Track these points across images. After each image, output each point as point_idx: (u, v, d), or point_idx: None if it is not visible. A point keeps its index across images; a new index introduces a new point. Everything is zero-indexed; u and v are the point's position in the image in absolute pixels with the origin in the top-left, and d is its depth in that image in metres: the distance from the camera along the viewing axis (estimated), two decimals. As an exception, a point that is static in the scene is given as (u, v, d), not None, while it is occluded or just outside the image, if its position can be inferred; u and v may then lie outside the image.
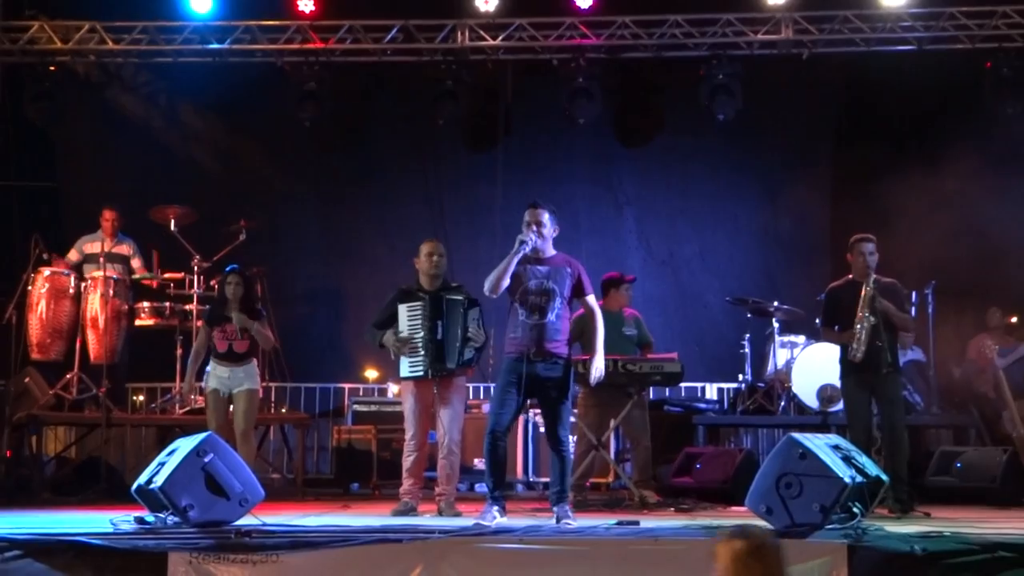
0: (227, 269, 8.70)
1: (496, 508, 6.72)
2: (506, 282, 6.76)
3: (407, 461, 7.73)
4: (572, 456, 6.91)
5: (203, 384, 8.72)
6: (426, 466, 7.97)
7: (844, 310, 7.87)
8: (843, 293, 7.95)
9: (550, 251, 6.93)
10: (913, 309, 9.99)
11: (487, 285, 6.80)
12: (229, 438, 8.17)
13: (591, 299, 7.06)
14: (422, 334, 7.61)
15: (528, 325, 6.74)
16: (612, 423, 8.79)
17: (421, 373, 7.62)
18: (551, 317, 6.76)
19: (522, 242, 6.74)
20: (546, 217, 6.86)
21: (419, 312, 7.65)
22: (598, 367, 7.01)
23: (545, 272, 6.83)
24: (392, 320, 7.74)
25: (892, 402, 7.76)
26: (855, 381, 7.86)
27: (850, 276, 8.00)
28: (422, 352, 7.59)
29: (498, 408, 6.80)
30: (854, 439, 7.74)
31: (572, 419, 8.93)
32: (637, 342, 9.15)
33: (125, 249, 10.65)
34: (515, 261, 6.74)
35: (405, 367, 7.69)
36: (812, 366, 10.04)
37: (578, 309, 7.21)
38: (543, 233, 6.84)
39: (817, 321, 9.04)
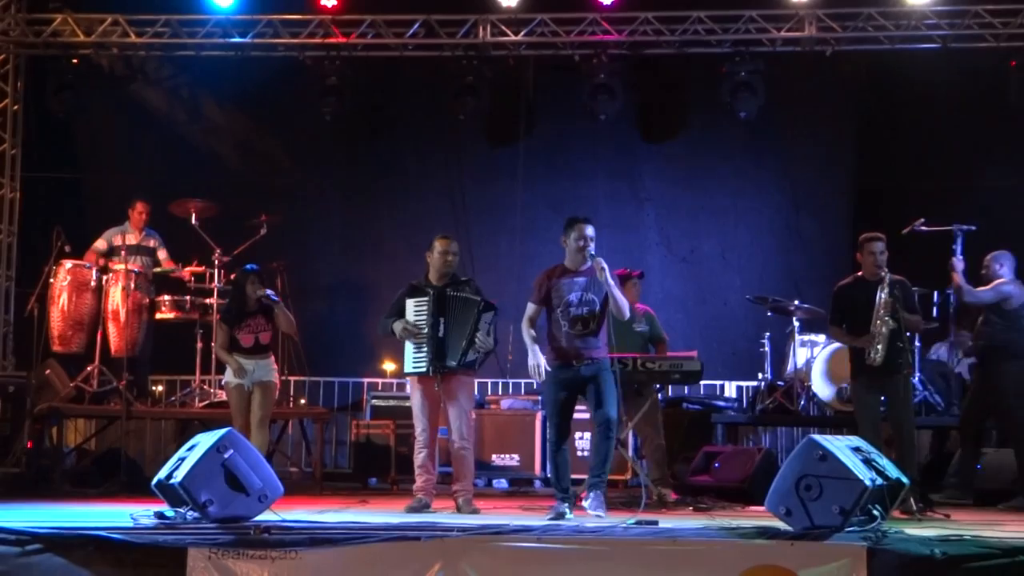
0: (246, 268, 8.65)
1: (565, 506, 6.91)
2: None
3: (418, 457, 7.73)
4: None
5: (222, 380, 8.71)
6: (440, 461, 7.97)
7: (853, 309, 7.82)
8: (853, 291, 7.87)
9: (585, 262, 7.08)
10: (935, 309, 9.95)
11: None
12: None
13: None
14: (426, 330, 7.60)
15: (573, 336, 6.98)
16: (629, 424, 8.76)
17: (423, 369, 7.60)
18: (592, 327, 7.00)
19: (602, 268, 6.86)
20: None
21: (424, 308, 7.64)
22: None
23: (584, 283, 7.02)
24: (402, 314, 7.74)
25: (905, 403, 7.71)
26: (866, 382, 7.80)
27: (859, 274, 7.91)
28: (425, 348, 7.59)
29: (555, 420, 7.08)
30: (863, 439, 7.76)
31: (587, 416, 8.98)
32: (649, 338, 9.03)
33: (152, 242, 10.70)
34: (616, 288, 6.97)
35: (409, 362, 7.70)
36: (832, 365, 10.00)
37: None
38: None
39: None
